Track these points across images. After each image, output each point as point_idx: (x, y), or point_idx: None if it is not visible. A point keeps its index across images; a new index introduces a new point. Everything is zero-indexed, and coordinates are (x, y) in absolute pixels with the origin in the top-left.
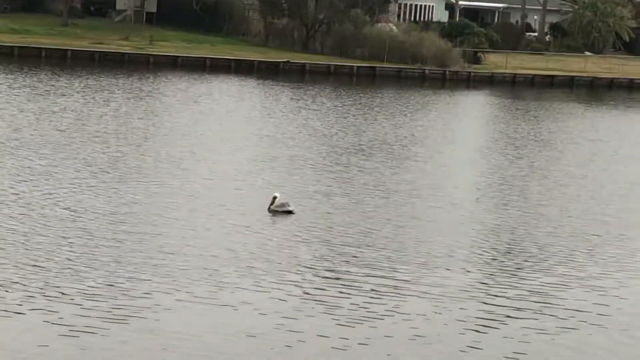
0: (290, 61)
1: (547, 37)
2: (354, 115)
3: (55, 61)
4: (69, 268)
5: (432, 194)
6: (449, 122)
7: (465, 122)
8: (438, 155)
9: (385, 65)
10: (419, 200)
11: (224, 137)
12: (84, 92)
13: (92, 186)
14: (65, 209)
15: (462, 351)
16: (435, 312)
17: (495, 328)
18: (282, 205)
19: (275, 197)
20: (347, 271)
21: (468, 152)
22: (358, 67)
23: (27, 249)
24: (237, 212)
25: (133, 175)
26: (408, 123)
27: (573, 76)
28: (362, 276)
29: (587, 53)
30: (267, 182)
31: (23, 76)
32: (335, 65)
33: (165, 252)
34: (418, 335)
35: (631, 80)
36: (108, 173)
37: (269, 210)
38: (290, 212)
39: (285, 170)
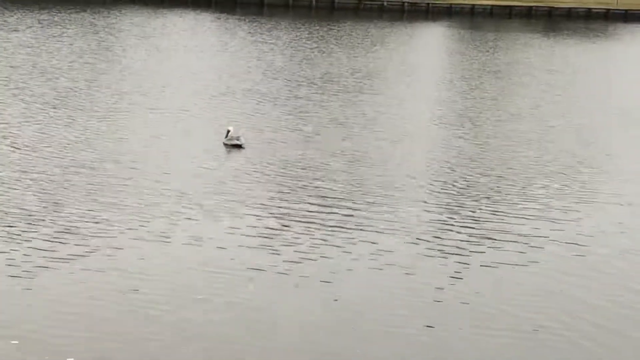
0: None
1: None
2: (310, 49)
3: None
4: (21, 208)
5: (385, 127)
6: (406, 55)
7: (422, 54)
8: (393, 88)
9: None
10: (371, 133)
11: (178, 71)
12: (37, 27)
13: (41, 121)
14: (15, 146)
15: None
16: (386, 248)
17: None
18: (232, 138)
19: (229, 131)
20: (301, 206)
21: (423, 84)
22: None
23: None
24: (192, 146)
25: (85, 111)
26: (364, 56)
27: (531, 6)
28: (316, 211)
29: None
30: (222, 115)
31: None
32: None
33: (118, 188)
34: (378, 268)
35: (589, 9)
36: (60, 109)
37: (224, 143)
38: (239, 146)
39: (240, 104)
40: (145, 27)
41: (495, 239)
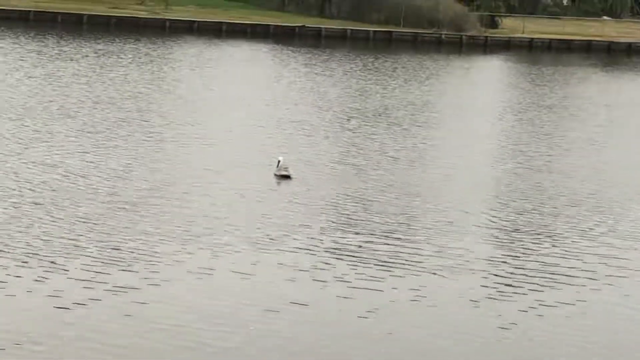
0: (306, 25)
1: (565, 1)
2: (364, 81)
3: (71, 26)
4: (67, 239)
5: (438, 161)
6: (461, 88)
7: (478, 87)
8: (446, 122)
9: (401, 30)
10: (423, 168)
11: (231, 102)
12: (92, 56)
13: (92, 151)
14: (64, 175)
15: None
16: (441, 285)
17: (505, 300)
18: (281, 169)
19: (279, 161)
20: (348, 240)
21: (477, 118)
22: (374, 31)
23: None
24: (242, 177)
25: (135, 141)
26: (420, 89)
27: (590, 40)
28: (364, 246)
29: (605, 17)
30: (272, 146)
31: (37, 40)
32: (351, 29)
33: (166, 218)
34: (428, 306)
35: None
36: (111, 139)
37: (274, 174)
38: (288, 177)
39: (291, 135)
40: (200, 57)
41: (548, 278)
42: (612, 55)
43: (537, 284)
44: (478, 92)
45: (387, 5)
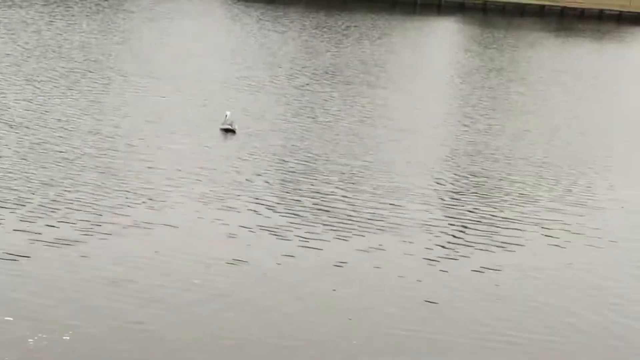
0: None
1: None
2: (318, 39)
3: None
4: (14, 189)
5: (385, 121)
6: (413, 49)
7: (431, 49)
8: (397, 82)
9: None
10: (370, 128)
11: (183, 55)
12: (39, 4)
13: (42, 101)
14: (12, 124)
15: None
16: (386, 244)
17: (453, 259)
18: (225, 123)
19: (226, 115)
20: (291, 197)
21: (427, 79)
22: None
23: None
24: (189, 130)
25: (85, 92)
26: (371, 48)
27: (544, 5)
28: (307, 204)
29: None
30: (221, 101)
31: None
32: None
33: (111, 171)
34: (376, 267)
35: (601, 10)
36: (61, 88)
37: (220, 128)
38: (232, 131)
39: (240, 91)
40: (152, 10)
41: (485, 243)
42: (564, 20)
43: (482, 245)
44: (429, 53)
45: None
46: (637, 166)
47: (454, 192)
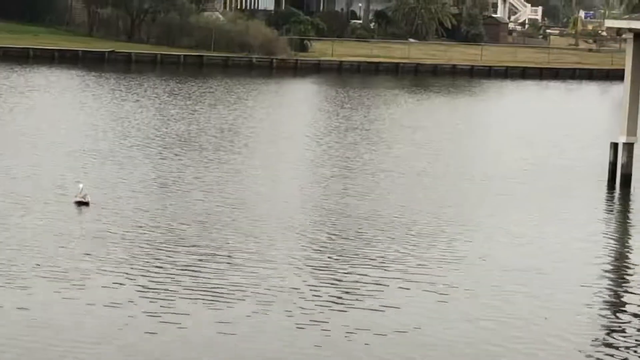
0: (116, 51)
1: (372, 25)
2: (173, 106)
3: None
4: None
5: (240, 187)
6: (270, 111)
7: (288, 111)
8: (252, 146)
9: (212, 54)
10: (223, 194)
11: (35, 130)
12: None
13: None
14: None
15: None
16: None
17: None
18: (78, 196)
19: (81, 188)
20: (140, 268)
21: (283, 142)
22: (185, 56)
23: None
24: (41, 205)
25: None
26: (227, 113)
27: (397, 63)
28: (161, 274)
29: (411, 40)
30: (74, 174)
31: None
32: (161, 54)
33: None
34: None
35: (454, 66)
36: None
37: (74, 201)
38: (85, 204)
39: (94, 162)
40: (10, 84)
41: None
42: (419, 76)
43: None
44: (286, 115)
45: (197, 29)
46: (488, 219)
47: (312, 253)
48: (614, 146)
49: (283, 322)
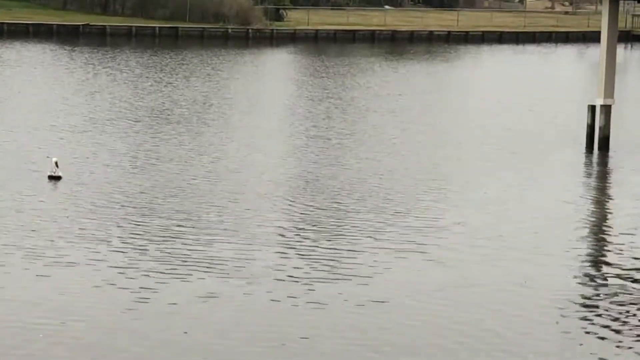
0: (90, 24)
1: None
2: (148, 79)
3: None
4: None
5: (216, 160)
6: (245, 83)
7: (264, 81)
8: (226, 118)
9: (187, 25)
10: (198, 167)
11: (9, 105)
12: None
13: None
14: None
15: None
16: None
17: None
18: (51, 170)
19: (55, 162)
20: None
21: (258, 113)
22: (160, 27)
23: None
24: (16, 180)
25: None
26: (203, 84)
27: (374, 30)
28: (133, 247)
29: (387, 7)
30: (47, 148)
31: None
32: (136, 26)
33: None
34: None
35: (430, 32)
36: None
37: (48, 176)
38: (58, 178)
39: (67, 137)
40: None
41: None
42: (395, 44)
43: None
44: (261, 85)
45: (171, 0)
46: (465, 185)
47: (287, 224)
48: (592, 109)
49: (262, 295)
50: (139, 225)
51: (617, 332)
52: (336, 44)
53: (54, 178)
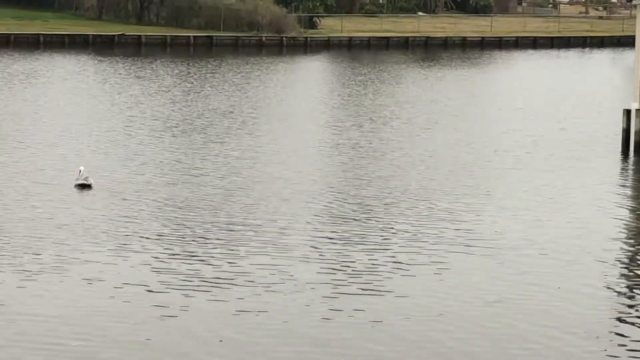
0: (125, 34)
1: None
2: (183, 88)
3: None
4: None
5: (249, 170)
6: (279, 91)
7: (299, 88)
8: (260, 127)
9: (222, 34)
10: (235, 175)
11: (47, 115)
12: None
13: None
14: None
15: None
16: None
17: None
18: (80, 178)
19: (80, 171)
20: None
21: (291, 122)
22: (195, 37)
23: None
24: (45, 186)
25: None
26: (238, 94)
27: (407, 37)
28: (161, 255)
29: (420, 13)
30: (81, 157)
31: None
32: (171, 36)
33: None
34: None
35: (464, 38)
36: None
37: (75, 184)
38: (88, 186)
39: (100, 146)
40: (13, 70)
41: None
42: (429, 50)
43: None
44: (296, 93)
45: (205, 9)
46: (501, 193)
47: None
48: (627, 113)
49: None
50: (166, 235)
51: None
52: (370, 51)
53: (84, 186)
